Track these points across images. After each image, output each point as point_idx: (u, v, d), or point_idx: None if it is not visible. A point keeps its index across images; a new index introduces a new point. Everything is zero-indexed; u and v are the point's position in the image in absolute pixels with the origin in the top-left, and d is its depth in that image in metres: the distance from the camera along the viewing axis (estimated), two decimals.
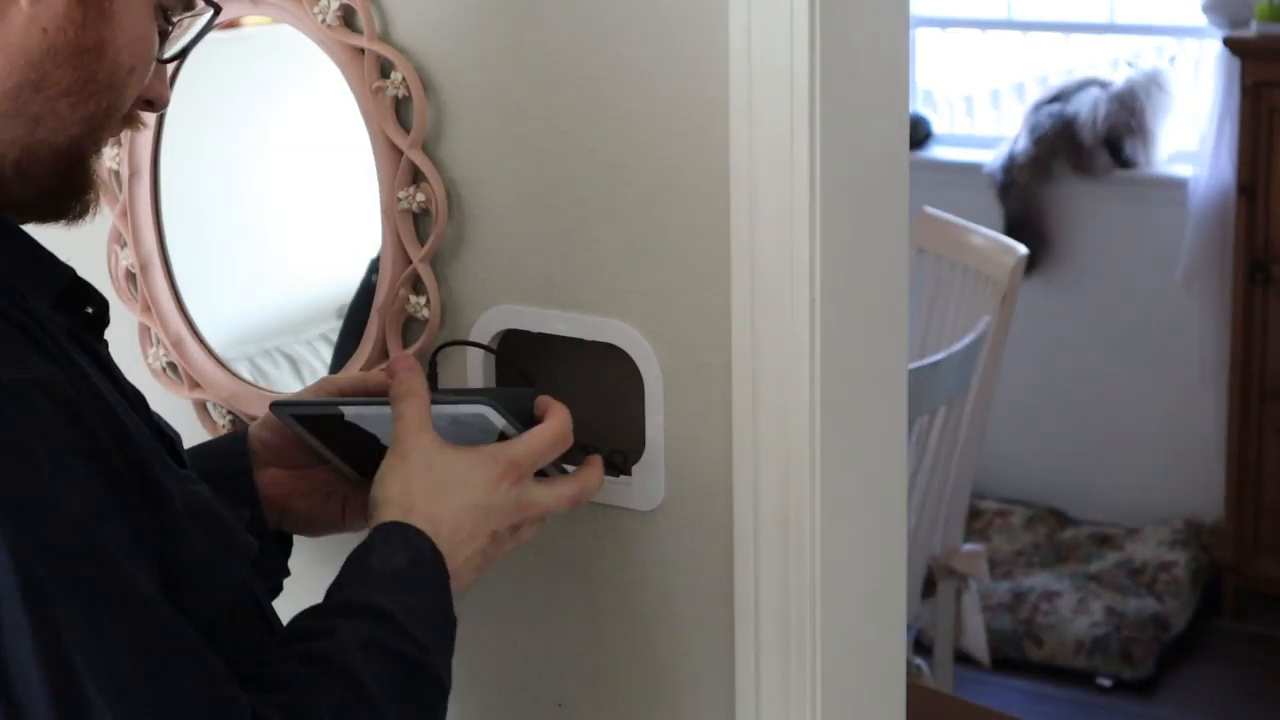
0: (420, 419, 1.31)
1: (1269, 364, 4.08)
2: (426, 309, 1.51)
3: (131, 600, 1.08)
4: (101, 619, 1.06)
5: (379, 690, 1.17)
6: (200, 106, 1.64)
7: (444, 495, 1.29)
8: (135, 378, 1.71)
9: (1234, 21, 4.15)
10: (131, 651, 1.07)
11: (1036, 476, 4.62)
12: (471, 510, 1.29)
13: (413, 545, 1.26)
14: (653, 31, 1.38)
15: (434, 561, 1.26)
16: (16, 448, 1.05)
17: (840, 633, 1.44)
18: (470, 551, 1.29)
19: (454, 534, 1.28)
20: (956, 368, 3.10)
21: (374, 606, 1.22)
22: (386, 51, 1.48)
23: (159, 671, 1.08)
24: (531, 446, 1.33)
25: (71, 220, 1.23)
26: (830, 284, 1.37)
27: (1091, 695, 3.95)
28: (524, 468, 1.32)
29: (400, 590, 1.23)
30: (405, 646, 1.20)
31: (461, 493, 1.29)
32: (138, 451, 1.14)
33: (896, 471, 1.51)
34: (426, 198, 1.49)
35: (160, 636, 1.09)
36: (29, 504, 1.05)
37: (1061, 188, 4.50)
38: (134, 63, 1.19)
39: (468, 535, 1.29)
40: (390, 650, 1.20)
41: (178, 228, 1.65)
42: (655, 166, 1.40)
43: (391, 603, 1.22)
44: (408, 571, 1.25)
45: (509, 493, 1.31)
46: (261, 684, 1.16)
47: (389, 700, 1.18)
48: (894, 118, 1.45)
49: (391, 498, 1.29)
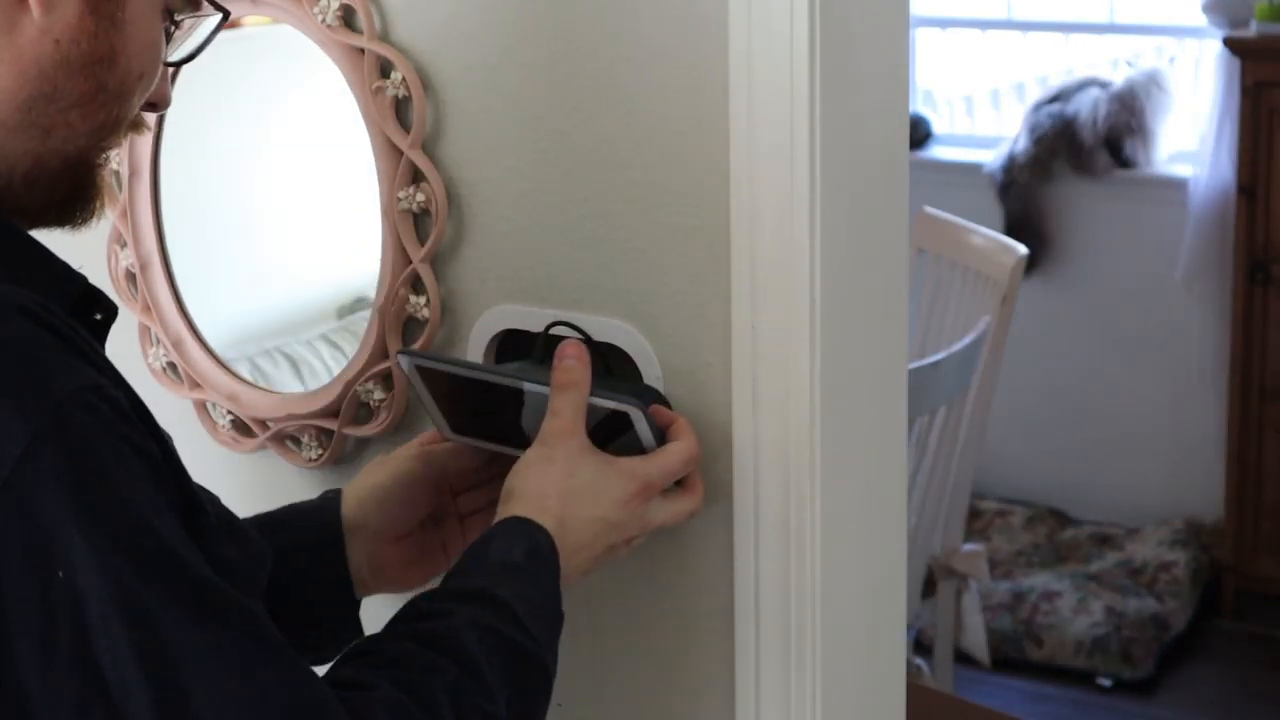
0: (575, 419, 1.34)
1: (1269, 364, 4.08)
2: (426, 309, 1.51)
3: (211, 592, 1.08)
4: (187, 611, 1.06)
5: (491, 675, 1.19)
6: (200, 106, 1.63)
7: (579, 503, 1.32)
8: (135, 378, 1.71)
9: (1234, 21, 4.15)
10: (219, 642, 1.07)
11: (1036, 476, 4.62)
12: (600, 523, 1.32)
13: (532, 539, 1.29)
14: (652, 31, 1.38)
15: (550, 557, 1.29)
16: (89, 454, 1.06)
17: (840, 633, 1.44)
18: (586, 558, 1.33)
19: (578, 540, 1.31)
20: (956, 368, 3.10)
21: (490, 594, 1.24)
22: (386, 51, 1.48)
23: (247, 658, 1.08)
24: (667, 467, 1.36)
25: (77, 226, 1.23)
26: (830, 284, 1.37)
27: (1091, 695, 3.95)
28: (656, 488, 1.35)
29: (516, 581, 1.26)
30: (518, 635, 1.23)
31: (596, 505, 1.32)
32: (172, 456, 1.15)
33: (896, 471, 1.51)
34: (426, 198, 1.49)
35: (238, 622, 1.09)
36: (105, 506, 1.06)
37: (1061, 188, 4.50)
38: (143, 70, 1.19)
39: (589, 543, 1.32)
40: (503, 637, 1.22)
41: (178, 228, 1.65)
42: (655, 166, 1.40)
43: (507, 592, 1.24)
44: (524, 564, 1.27)
45: (636, 510, 1.34)
46: (377, 660, 1.18)
47: (500, 685, 1.20)
48: (894, 118, 1.45)
49: (528, 493, 1.31)
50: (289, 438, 1.63)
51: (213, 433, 1.68)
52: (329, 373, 1.66)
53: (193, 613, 1.07)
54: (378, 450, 1.59)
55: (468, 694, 1.17)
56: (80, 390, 1.07)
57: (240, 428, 1.66)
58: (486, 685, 1.19)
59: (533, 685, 1.24)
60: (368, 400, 1.56)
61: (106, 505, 1.06)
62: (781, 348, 1.37)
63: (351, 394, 1.56)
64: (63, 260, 1.21)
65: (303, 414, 1.60)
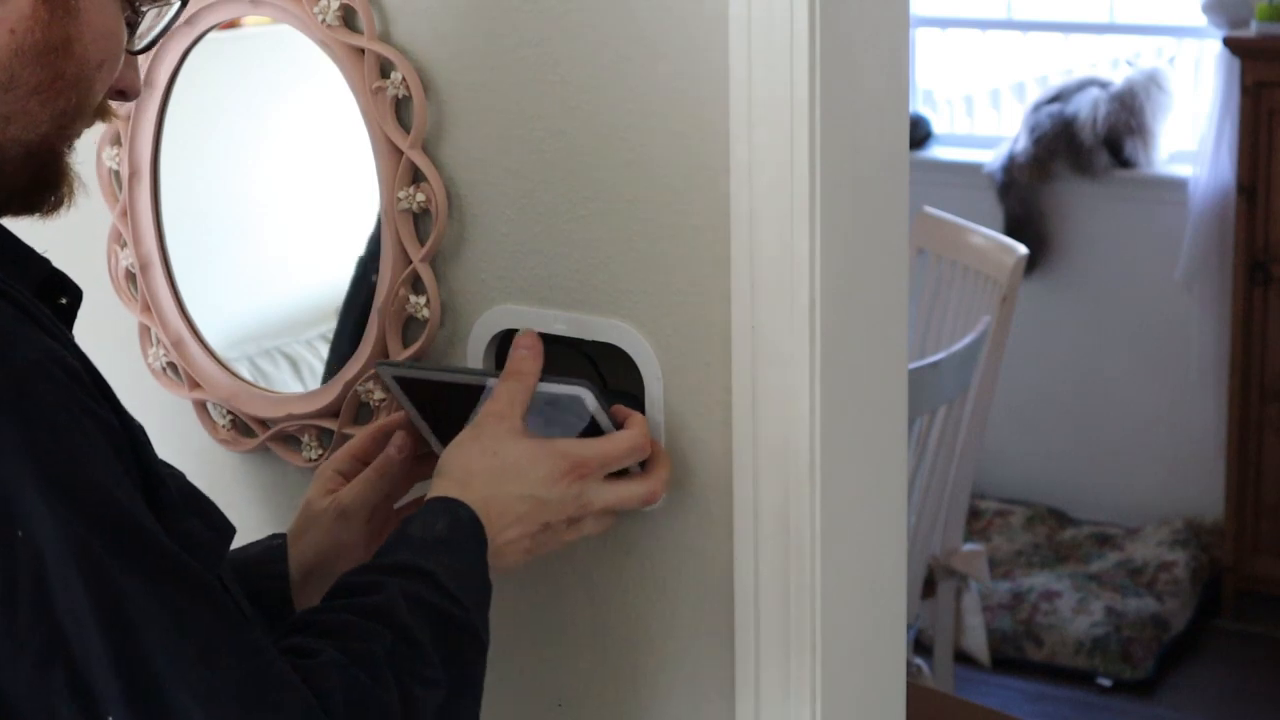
0: (509, 402, 1.36)
1: (1269, 364, 4.08)
2: (426, 309, 1.51)
3: (168, 559, 1.10)
4: (144, 573, 1.09)
5: (426, 642, 1.22)
6: (200, 106, 1.64)
7: (501, 481, 1.33)
8: (135, 378, 1.72)
9: (1234, 21, 4.15)
10: (177, 607, 1.09)
11: (1036, 476, 4.62)
12: (526, 500, 1.34)
13: (452, 514, 1.31)
14: (652, 31, 1.38)
15: (472, 528, 1.31)
16: (48, 420, 1.08)
17: (840, 633, 1.44)
18: (516, 535, 1.34)
19: (501, 517, 1.33)
20: (956, 368, 3.10)
21: (415, 566, 1.26)
22: (386, 51, 1.48)
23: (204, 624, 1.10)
24: (602, 450, 1.37)
25: (45, 214, 1.23)
26: (830, 284, 1.37)
27: (1091, 695, 3.95)
28: (590, 468, 1.36)
29: (439, 554, 1.28)
30: (446, 603, 1.25)
31: (520, 482, 1.34)
32: (132, 429, 1.16)
33: (896, 471, 1.51)
34: (426, 198, 1.49)
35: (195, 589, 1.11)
36: (64, 472, 1.07)
37: (1061, 188, 4.50)
38: (102, 58, 1.19)
39: (515, 520, 1.33)
40: (433, 606, 1.24)
41: (178, 228, 1.65)
42: (655, 166, 1.40)
43: (431, 564, 1.27)
44: (446, 537, 1.29)
45: (569, 489, 1.35)
46: (317, 630, 1.20)
47: (436, 653, 1.22)
48: (894, 118, 1.45)
49: (452, 472, 1.34)
50: (289, 438, 1.63)
51: (213, 433, 1.68)
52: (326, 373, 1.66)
53: (150, 578, 1.09)
54: None
55: (405, 659, 1.20)
56: (40, 360, 1.09)
57: (240, 428, 1.66)
58: (423, 652, 1.21)
59: (467, 651, 1.26)
60: (367, 400, 1.57)
61: (66, 472, 1.07)
62: (781, 348, 1.37)
63: (351, 394, 1.56)
64: (27, 245, 1.22)
65: (302, 414, 1.60)
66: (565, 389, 1.37)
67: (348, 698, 1.15)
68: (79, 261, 1.72)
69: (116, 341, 1.72)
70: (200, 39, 1.58)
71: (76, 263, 1.72)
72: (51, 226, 1.74)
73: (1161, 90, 4.44)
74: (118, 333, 1.71)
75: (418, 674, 1.20)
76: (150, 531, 1.10)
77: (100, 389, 1.15)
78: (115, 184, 1.66)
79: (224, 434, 1.67)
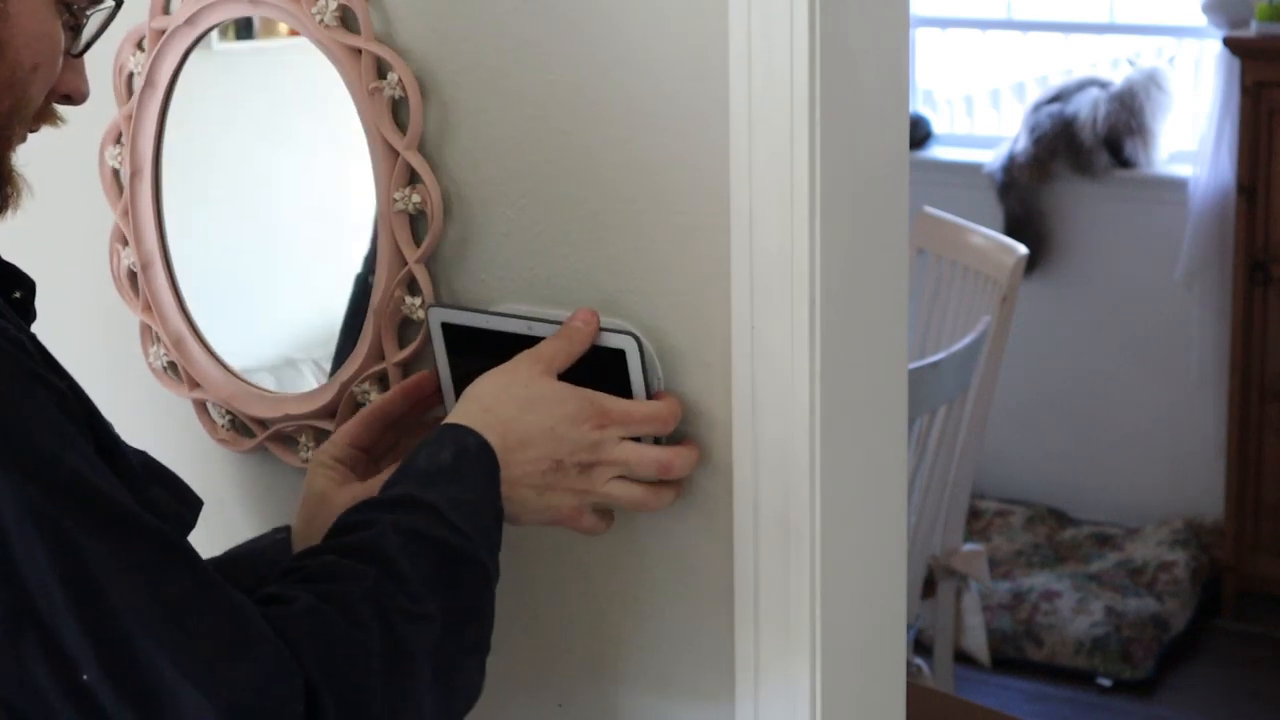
0: (552, 353, 1.35)
1: (1269, 364, 4.08)
2: (422, 310, 1.51)
3: (126, 515, 1.11)
4: (106, 533, 1.09)
5: (415, 575, 1.20)
6: (202, 105, 1.64)
7: (525, 410, 1.33)
8: (135, 377, 1.72)
9: (1234, 21, 4.15)
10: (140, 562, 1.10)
11: (1036, 476, 4.62)
12: (546, 432, 1.32)
13: (459, 442, 1.30)
14: (652, 31, 1.38)
15: (480, 455, 1.29)
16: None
17: (840, 633, 1.44)
18: (530, 468, 1.32)
19: (520, 445, 1.31)
20: (956, 368, 3.10)
21: (413, 498, 1.25)
22: (383, 52, 1.48)
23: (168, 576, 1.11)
24: (627, 407, 1.36)
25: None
26: (830, 284, 1.37)
27: (1091, 695, 3.95)
28: (612, 419, 1.35)
29: (441, 484, 1.27)
30: (445, 534, 1.23)
31: (544, 414, 1.33)
32: (84, 398, 1.17)
33: (896, 471, 1.51)
34: (422, 199, 1.49)
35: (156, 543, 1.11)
36: (14, 436, 1.08)
37: (1061, 188, 4.50)
38: (36, 61, 1.18)
39: (533, 450, 1.32)
40: (429, 538, 1.23)
41: (179, 227, 1.65)
42: (654, 167, 1.40)
43: (434, 495, 1.25)
44: (452, 466, 1.28)
45: (589, 434, 1.34)
46: (300, 575, 1.19)
47: (428, 586, 1.21)
48: (894, 118, 1.45)
49: (479, 398, 1.33)
50: (286, 438, 1.63)
51: (212, 432, 1.68)
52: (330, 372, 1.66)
53: (113, 538, 1.09)
54: None
55: (388, 595, 1.19)
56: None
57: (239, 428, 1.66)
58: (408, 586, 1.20)
59: (469, 582, 1.24)
60: (364, 401, 1.56)
61: (19, 441, 1.08)
62: (781, 348, 1.37)
63: (348, 395, 1.56)
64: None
65: (300, 414, 1.60)
66: (615, 337, 1.37)
67: (321, 642, 1.14)
68: (81, 260, 1.73)
69: (117, 341, 1.72)
70: (201, 39, 1.58)
71: (78, 261, 1.73)
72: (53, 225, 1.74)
73: (1161, 90, 4.44)
74: (119, 332, 1.72)
75: (403, 609, 1.19)
76: (108, 492, 1.10)
77: (49, 362, 1.15)
78: (117, 183, 1.66)
79: (223, 434, 1.67)
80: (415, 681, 1.19)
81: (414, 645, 1.19)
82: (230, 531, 1.70)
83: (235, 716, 1.09)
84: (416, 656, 1.19)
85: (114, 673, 1.08)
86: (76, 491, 1.09)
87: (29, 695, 1.08)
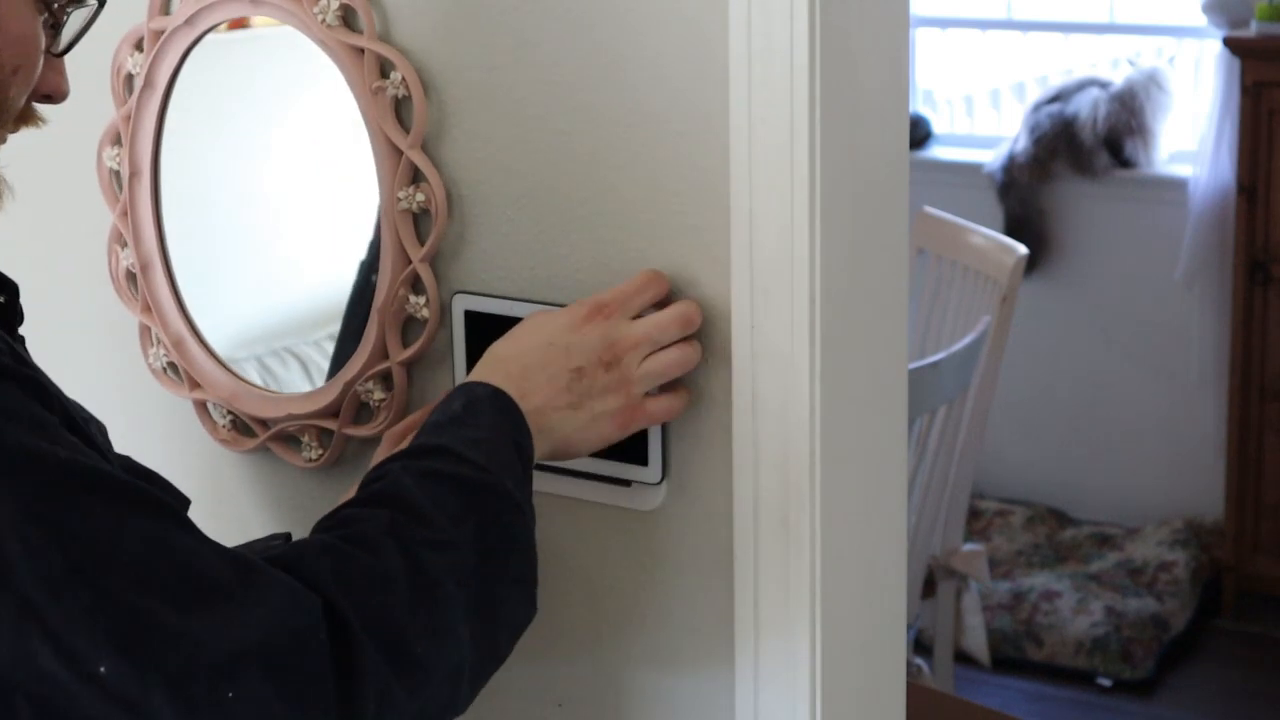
0: (556, 312, 1.36)
1: (1269, 364, 4.08)
2: (426, 309, 1.51)
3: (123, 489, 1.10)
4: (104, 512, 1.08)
5: (435, 509, 1.20)
6: (201, 106, 1.63)
7: (518, 340, 1.33)
8: (135, 378, 1.72)
9: (1234, 21, 4.15)
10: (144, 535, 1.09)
11: (1036, 476, 4.62)
12: (546, 349, 1.32)
13: (469, 392, 1.30)
14: (653, 31, 1.38)
15: (493, 400, 1.29)
16: None
17: (840, 633, 1.44)
18: (549, 389, 1.31)
19: (525, 373, 1.31)
20: (956, 368, 3.10)
21: (425, 446, 1.25)
22: (386, 51, 1.48)
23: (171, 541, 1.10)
24: (618, 288, 1.36)
25: None
26: (830, 284, 1.37)
27: (1091, 695, 3.95)
28: (611, 307, 1.35)
29: (451, 429, 1.26)
30: (463, 469, 1.23)
31: (537, 334, 1.33)
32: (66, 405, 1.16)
33: (896, 471, 1.51)
34: (426, 198, 1.49)
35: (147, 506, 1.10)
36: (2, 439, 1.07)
37: (1061, 188, 4.50)
38: (17, 63, 1.17)
39: (542, 373, 1.31)
40: (445, 475, 1.22)
41: (178, 228, 1.65)
42: (655, 167, 1.40)
43: (445, 439, 1.25)
44: (464, 412, 1.28)
45: (593, 330, 1.33)
46: (317, 529, 1.19)
47: (450, 518, 1.20)
48: (894, 118, 1.45)
49: (483, 360, 1.34)
50: (289, 438, 1.63)
51: (213, 433, 1.68)
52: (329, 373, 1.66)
53: (110, 510, 1.08)
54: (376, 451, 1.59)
55: (405, 527, 1.18)
56: None
57: (240, 428, 1.66)
58: (428, 518, 1.19)
59: (494, 510, 1.23)
60: (368, 400, 1.57)
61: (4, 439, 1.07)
62: (781, 348, 1.37)
63: (351, 394, 1.56)
64: None
65: (302, 414, 1.60)
66: None
67: (341, 572, 1.13)
68: (79, 261, 1.73)
69: (117, 341, 1.72)
70: (200, 39, 1.58)
71: (77, 262, 1.73)
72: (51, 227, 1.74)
73: (1161, 90, 4.44)
74: (118, 333, 1.71)
75: (426, 540, 1.18)
76: (99, 470, 1.09)
77: (20, 359, 1.14)
78: (115, 184, 1.66)
79: (224, 434, 1.67)
80: (449, 608, 1.17)
81: (441, 573, 1.17)
82: (231, 532, 1.70)
83: (260, 659, 1.08)
84: (445, 583, 1.17)
85: (133, 657, 1.06)
86: (71, 478, 1.08)
87: (50, 686, 1.07)
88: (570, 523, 1.49)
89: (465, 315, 1.48)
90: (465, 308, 1.48)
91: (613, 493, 1.46)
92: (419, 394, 1.55)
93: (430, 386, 1.54)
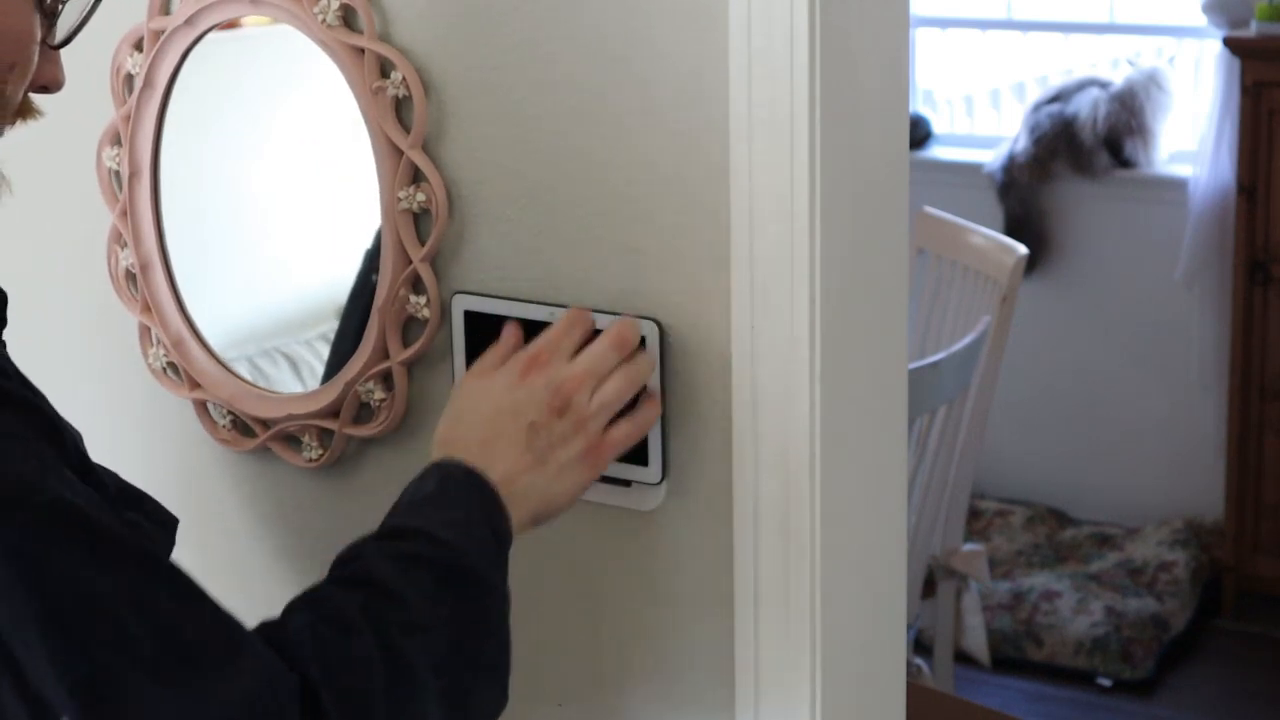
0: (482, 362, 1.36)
1: (1269, 364, 4.08)
2: (427, 309, 1.51)
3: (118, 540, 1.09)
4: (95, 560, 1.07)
5: (409, 592, 1.19)
6: (201, 106, 1.63)
7: (464, 417, 1.33)
8: (135, 378, 1.72)
9: (1234, 21, 4.14)
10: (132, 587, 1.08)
11: (1036, 476, 4.62)
12: (494, 417, 1.32)
13: (441, 470, 1.29)
14: (652, 31, 1.38)
15: (466, 478, 1.28)
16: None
17: (840, 633, 1.44)
18: (513, 453, 1.30)
19: (484, 446, 1.30)
20: (956, 368, 3.10)
21: (401, 527, 1.24)
22: (387, 51, 1.48)
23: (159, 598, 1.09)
24: (544, 335, 1.36)
25: None
26: (830, 284, 1.37)
27: (1091, 695, 3.95)
28: (545, 355, 1.34)
29: (427, 510, 1.26)
30: (437, 551, 1.22)
31: (481, 405, 1.32)
32: (65, 428, 1.16)
33: (896, 471, 1.51)
34: (427, 197, 1.49)
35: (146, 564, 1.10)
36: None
37: (1061, 188, 4.49)
38: (13, 60, 1.17)
39: (501, 441, 1.31)
40: (420, 557, 1.21)
41: (178, 228, 1.65)
42: (655, 167, 1.40)
43: (420, 520, 1.24)
44: (438, 493, 1.27)
45: (534, 380, 1.33)
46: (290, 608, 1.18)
47: (425, 600, 1.19)
48: (894, 118, 1.45)
49: (436, 441, 1.33)
50: (289, 438, 1.63)
51: (213, 433, 1.68)
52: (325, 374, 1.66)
53: (95, 559, 1.07)
54: (378, 451, 1.59)
55: (381, 610, 1.17)
56: None
57: (240, 428, 1.66)
58: (403, 601, 1.18)
59: (471, 595, 1.23)
60: (368, 400, 1.57)
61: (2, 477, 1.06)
62: (781, 348, 1.37)
63: (351, 394, 1.56)
64: None
65: (303, 414, 1.60)
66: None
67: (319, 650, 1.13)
68: (79, 261, 1.73)
69: (116, 341, 1.72)
70: (200, 39, 1.58)
71: (77, 263, 1.73)
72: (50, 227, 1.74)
73: (1161, 90, 4.44)
74: (118, 333, 1.71)
75: (400, 622, 1.17)
76: (91, 513, 1.08)
77: (29, 387, 1.14)
78: (115, 184, 1.66)
79: (224, 434, 1.67)
80: (419, 693, 1.17)
81: (413, 657, 1.17)
82: (230, 532, 1.70)
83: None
84: (417, 668, 1.17)
85: (96, 716, 1.05)
86: (60, 519, 1.07)
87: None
88: (570, 523, 1.49)
89: (465, 315, 1.48)
90: (465, 308, 1.48)
91: (612, 493, 1.46)
92: (419, 394, 1.55)
93: (430, 386, 1.54)
